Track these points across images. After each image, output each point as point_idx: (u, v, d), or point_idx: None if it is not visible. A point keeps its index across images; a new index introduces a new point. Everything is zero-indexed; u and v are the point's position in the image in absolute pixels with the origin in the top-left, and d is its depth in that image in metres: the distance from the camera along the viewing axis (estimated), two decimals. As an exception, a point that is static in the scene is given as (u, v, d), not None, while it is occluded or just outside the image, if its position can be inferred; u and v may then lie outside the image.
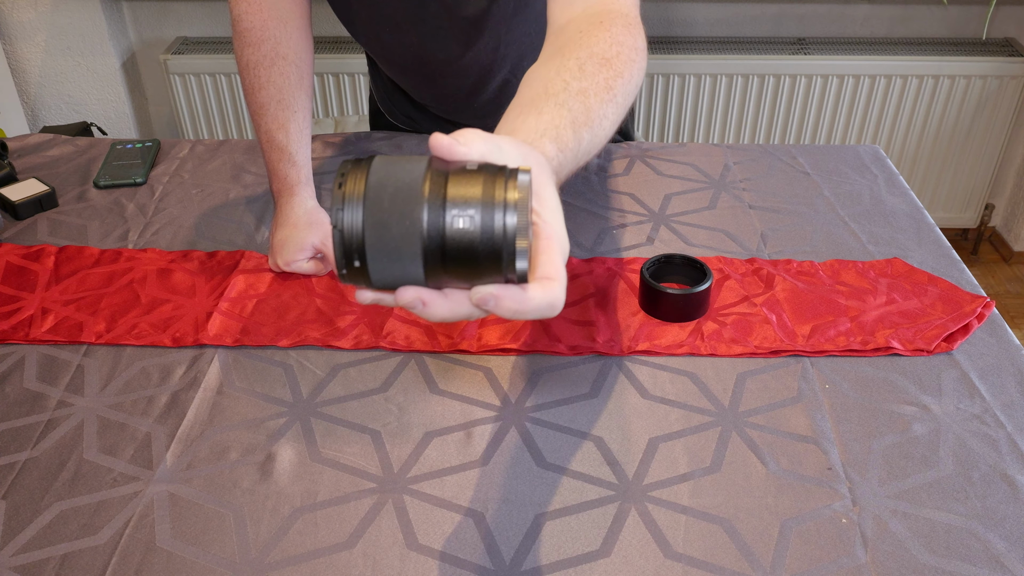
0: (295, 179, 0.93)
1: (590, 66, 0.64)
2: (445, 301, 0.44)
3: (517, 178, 0.42)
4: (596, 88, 0.63)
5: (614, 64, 0.65)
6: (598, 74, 0.64)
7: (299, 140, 0.94)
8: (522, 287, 0.43)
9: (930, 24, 2.16)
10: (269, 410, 0.76)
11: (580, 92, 0.61)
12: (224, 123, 2.20)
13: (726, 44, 2.14)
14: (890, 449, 0.71)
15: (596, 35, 0.67)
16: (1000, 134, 2.19)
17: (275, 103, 0.93)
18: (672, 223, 1.00)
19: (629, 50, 0.67)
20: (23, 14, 2.06)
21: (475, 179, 0.42)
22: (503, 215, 0.41)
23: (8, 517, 0.66)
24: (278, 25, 0.94)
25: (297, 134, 0.94)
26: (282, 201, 0.93)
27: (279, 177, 0.93)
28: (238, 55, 0.95)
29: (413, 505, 0.67)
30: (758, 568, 0.62)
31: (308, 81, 0.96)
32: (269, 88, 0.93)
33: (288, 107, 0.93)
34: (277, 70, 0.93)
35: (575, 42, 0.67)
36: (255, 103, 0.94)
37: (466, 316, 0.45)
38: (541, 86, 0.62)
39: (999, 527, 0.64)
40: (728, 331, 0.83)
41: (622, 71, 0.66)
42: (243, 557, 0.63)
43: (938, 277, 0.89)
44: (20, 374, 0.80)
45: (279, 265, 0.91)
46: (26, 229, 1.01)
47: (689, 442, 0.72)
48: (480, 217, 0.41)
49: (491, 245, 0.41)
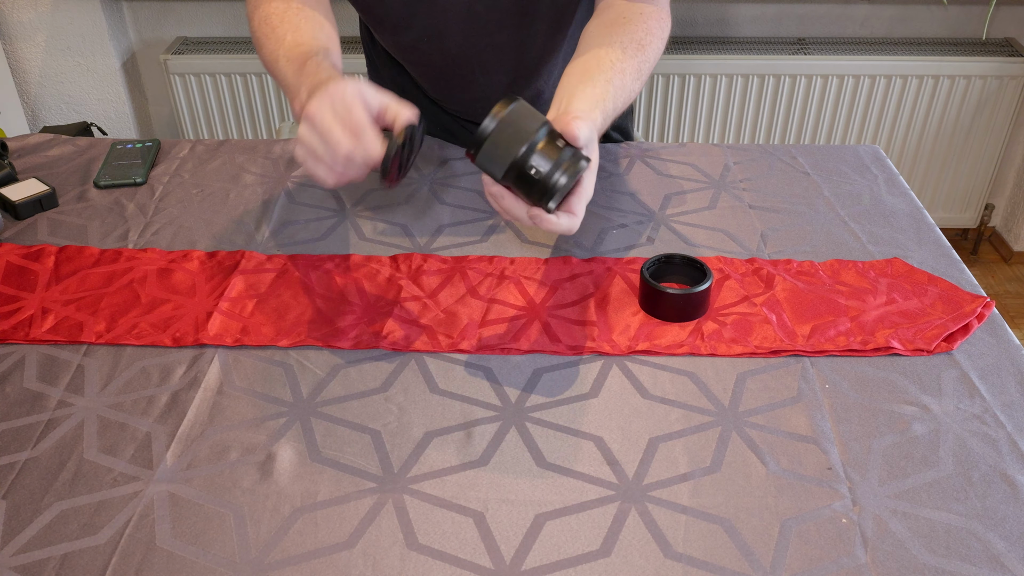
0: (329, 70, 0.76)
1: (631, 50, 0.82)
2: (513, 200, 0.70)
3: (579, 164, 0.69)
4: (632, 69, 0.82)
5: (647, 50, 0.84)
6: (635, 58, 0.82)
7: (327, 47, 0.81)
8: (555, 214, 0.70)
9: (930, 24, 2.16)
10: (269, 410, 0.76)
11: (621, 72, 0.80)
12: (224, 123, 2.20)
13: (726, 44, 2.14)
14: (890, 449, 0.71)
15: (637, 23, 0.85)
16: (1000, 134, 2.19)
17: (305, 20, 0.84)
18: (672, 223, 1.00)
19: (658, 40, 0.87)
20: (23, 14, 2.06)
21: (558, 151, 0.69)
22: (558, 177, 0.68)
23: (8, 517, 0.66)
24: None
25: (321, 46, 0.80)
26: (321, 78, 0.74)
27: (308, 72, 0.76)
28: (251, 14, 0.87)
29: (413, 505, 0.67)
30: (758, 568, 0.62)
31: (336, 33, 0.87)
32: (293, 19, 0.84)
33: (323, 29, 0.83)
34: (304, 15, 0.85)
35: (620, 27, 0.84)
36: (274, 38, 0.83)
37: (518, 218, 0.70)
38: (595, 61, 0.80)
39: (999, 527, 0.64)
40: (728, 331, 0.83)
41: (650, 56, 0.85)
42: (243, 557, 0.63)
43: (938, 277, 0.89)
44: (20, 374, 0.80)
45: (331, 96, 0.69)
46: (26, 229, 1.01)
47: (689, 442, 0.72)
48: (545, 172, 0.68)
49: (543, 189, 0.69)
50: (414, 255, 0.94)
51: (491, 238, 0.98)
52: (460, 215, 1.02)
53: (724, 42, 2.15)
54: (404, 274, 0.91)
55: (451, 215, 1.02)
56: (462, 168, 1.12)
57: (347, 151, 0.68)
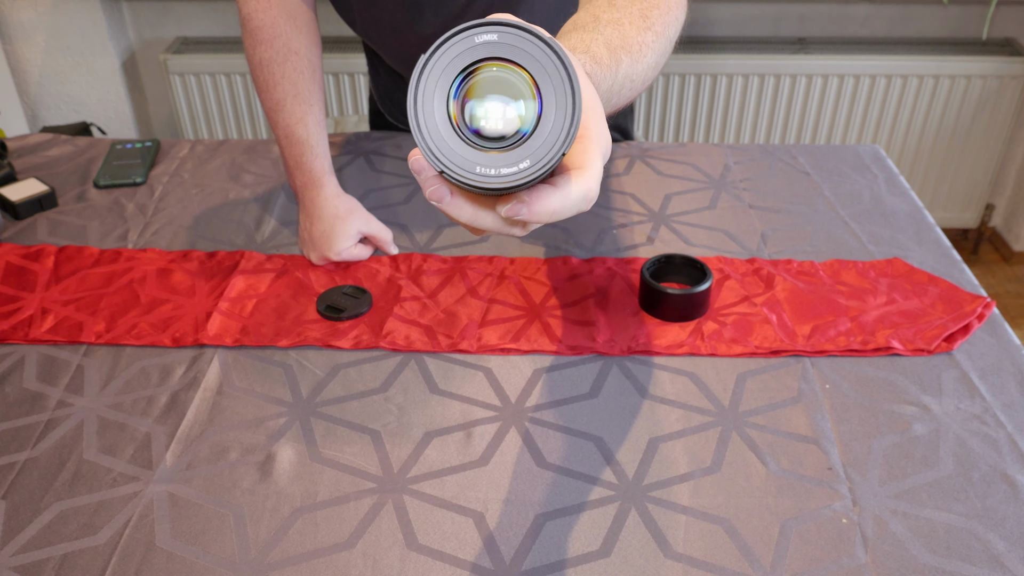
0: (320, 170, 0.93)
1: (626, 6, 0.61)
2: (467, 204, 0.42)
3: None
4: (630, 17, 0.60)
5: (651, 13, 0.62)
6: (631, 6, 0.61)
7: (318, 133, 0.94)
8: (551, 182, 0.40)
9: (930, 24, 2.16)
10: (269, 410, 0.76)
11: (612, 22, 0.59)
12: (224, 123, 2.19)
13: (726, 44, 2.14)
14: (890, 449, 0.71)
15: None
16: (1000, 134, 2.18)
17: (291, 98, 0.93)
18: (672, 223, 1.00)
19: (666, 3, 0.64)
20: (23, 14, 2.06)
21: None
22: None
23: (8, 517, 0.66)
24: (288, 22, 0.94)
25: (316, 127, 0.94)
26: (311, 195, 0.93)
27: (303, 170, 0.93)
28: (249, 54, 0.95)
29: (413, 505, 0.67)
30: (758, 568, 0.62)
31: (319, 76, 0.97)
32: (284, 84, 0.93)
33: (304, 101, 0.94)
34: (291, 65, 0.93)
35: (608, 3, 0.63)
36: (271, 100, 0.94)
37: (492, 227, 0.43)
38: (571, 24, 0.60)
39: (999, 527, 0.64)
40: (728, 331, 0.83)
41: (657, 2, 0.63)
42: (243, 557, 0.63)
43: (938, 277, 0.89)
44: (20, 374, 0.80)
45: (327, 257, 0.91)
46: (26, 229, 1.01)
47: (689, 442, 0.72)
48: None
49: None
50: (414, 255, 0.94)
51: (491, 238, 0.98)
52: (460, 215, 1.02)
53: (724, 42, 2.15)
54: (404, 274, 0.91)
55: (451, 215, 1.02)
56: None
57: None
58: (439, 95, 0.38)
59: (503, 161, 0.38)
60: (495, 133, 0.38)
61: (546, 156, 0.37)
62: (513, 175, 0.37)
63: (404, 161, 1.13)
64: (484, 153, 0.38)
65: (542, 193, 0.40)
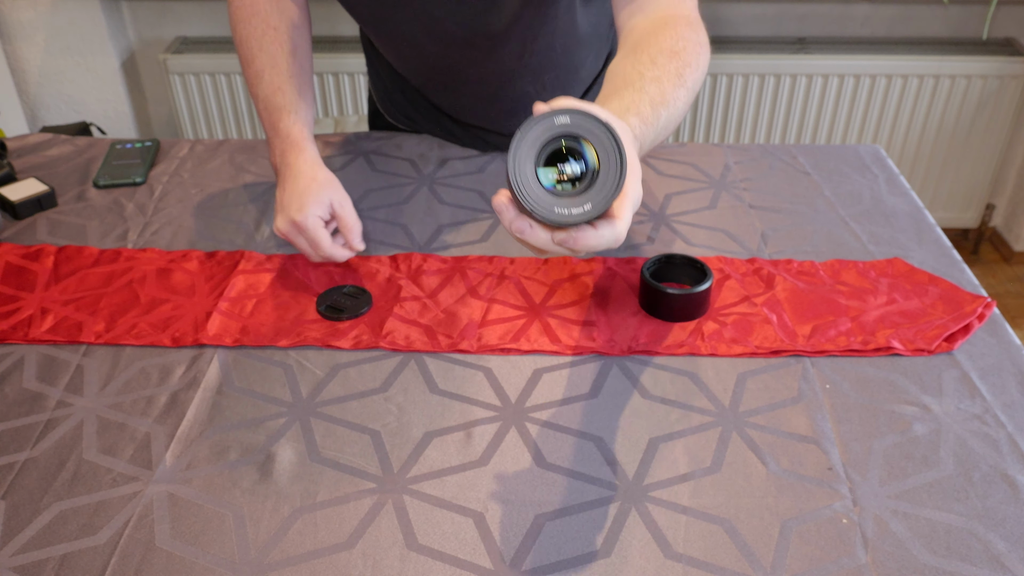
0: (299, 135, 0.91)
1: (661, 59, 0.75)
2: (543, 232, 0.57)
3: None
4: (668, 75, 0.73)
5: (682, 56, 0.76)
6: (669, 64, 0.74)
7: (298, 101, 0.93)
8: (593, 224, 0.57)
9: (930, 24, 2.16)
10: (269, 410, 0.75)
11: (654, 79, 0.72)
12: (224, 123, 2.19)
13: (726, 44, 2.14)
14: (891, 449, 0.71)
15: (664, 33, 0.78)
16: (1000, 134, 2.18)
17: (269, 68, 0.94)
18: (672, 223, 1.00)
19: (694, 44, 0.78)
20: (22, 14, 2.06)
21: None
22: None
23: (8, 517, 0.66)
24: (269, 2, 0.97)
25: (294, 95, 0.93)
26: (289, 158, 0.90)
27: (281, 135, 0.91)
28: (234, 33, 0.97)
29: (413, 505, 0.67)
30: (758, 568, 0.61)
31: (304, 51, 0.97)
32: (262, 56, 0.94)
33: (282, 73, 0.94)
34: (269, 39, 0.95)
35: (646, 41, 0.78)
36: (251, 74, 0.95)
37: (544, 246, 0.57)
38: (621, 80, 0.73)
39: (999, 527, 0.64)
40: (728, 331, 0.82)
41: (689, 61, 0.76)
42: (243, 557, 0.63)
43: (939, 277, 0.89)
44: (19, 374, 0.80)
45: (293, 219, 0.85)
46: (25, 229, 1.01)
47: (689, 442, 0.72)
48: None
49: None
50: (414, 255, 0.94)
51: (491, 238, 0.98)
52: (460, 215, 1.02)
53: (724, 42, 2.15)
54: (404, 274, 0.91)
55: (451, 215, 1.02)
56: (462, 168, 1.12)
57: (312, 258, 0.90)
58: (528, 159, 0.54)
59: (573, 203, 0.55)
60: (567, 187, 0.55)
61: (601, 203, 0.55)
62: (580, 214, 0.55)
63: (404, 161, 1.13)
64: (559, 198, 0.55)
65: (584, 231, 0.56)
